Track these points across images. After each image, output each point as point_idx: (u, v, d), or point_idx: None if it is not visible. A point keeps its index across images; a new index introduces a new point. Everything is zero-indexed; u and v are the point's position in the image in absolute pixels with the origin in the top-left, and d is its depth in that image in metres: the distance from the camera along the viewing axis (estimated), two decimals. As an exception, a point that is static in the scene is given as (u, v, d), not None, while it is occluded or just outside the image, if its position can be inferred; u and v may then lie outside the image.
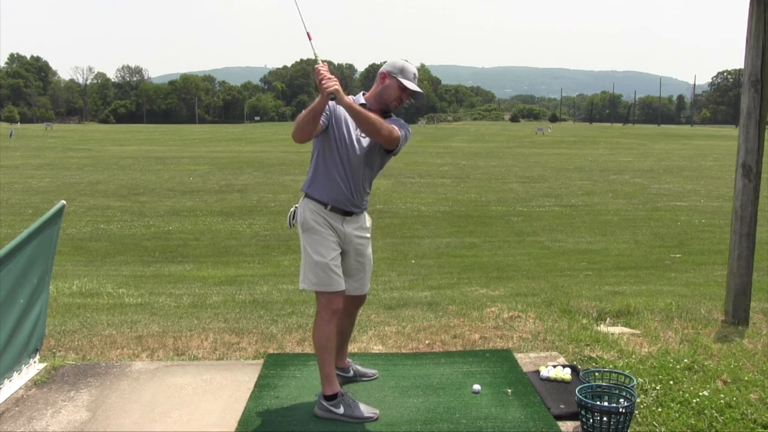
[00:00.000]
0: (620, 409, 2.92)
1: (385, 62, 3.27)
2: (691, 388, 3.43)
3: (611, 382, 3.26)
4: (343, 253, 3.25)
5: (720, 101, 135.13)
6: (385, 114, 3.19)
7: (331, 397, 3.19)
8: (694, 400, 3.28)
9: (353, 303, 3.48)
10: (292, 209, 3.27)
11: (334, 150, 3.13)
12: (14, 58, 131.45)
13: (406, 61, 3.20)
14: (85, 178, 20.99)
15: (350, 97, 3.09)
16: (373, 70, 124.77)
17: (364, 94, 3.26)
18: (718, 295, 5.52)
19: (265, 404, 3.34)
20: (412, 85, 3.11)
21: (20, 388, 3.51)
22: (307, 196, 3.20)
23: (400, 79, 3.11)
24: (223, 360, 4.05)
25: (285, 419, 3.18)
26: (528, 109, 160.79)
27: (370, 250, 3.40)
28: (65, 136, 56.97)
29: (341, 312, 3.26)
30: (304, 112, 2.97)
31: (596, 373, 3.34)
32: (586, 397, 3.02)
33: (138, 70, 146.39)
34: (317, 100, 2.90)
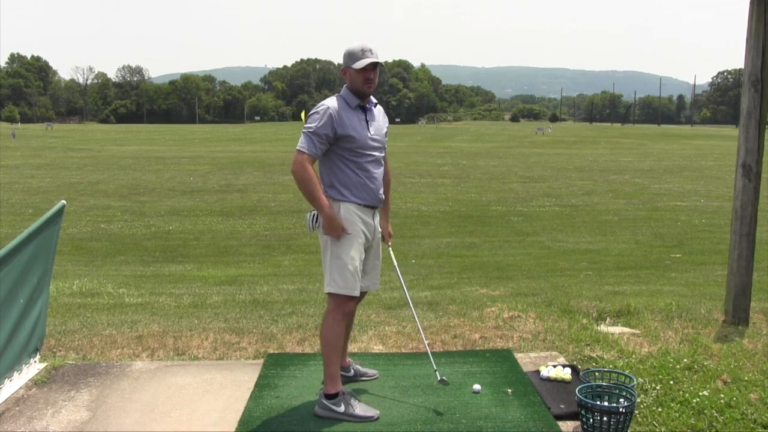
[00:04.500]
0: (620, 409, 2.92)
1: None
2: (691, 388, 3.43)
3: (611, 382, 3.26)
4: (366, 250, 3.31)
5: (720, 101, 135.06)
6: (366, 98, 3.25)
7: (332, 396, 3.20)
8: (694, 400, 3.28)
9: (358, 300, 3.49)
10: (313, 212, 3.23)
11: (358, 154, 3.19)
12: (14, 58, 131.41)
13: (350, 44, 3.21)
14: (86, 178, 21.00)
15: (331, 100, 3.20)
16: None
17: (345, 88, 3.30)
18: (718, 295, 5.52)
19: (265, 404, 3.34)
20: (364, 63, 3.14)
21: (20, 388, 3.51)
22: (336, 199, 3.20)
23: (353, 67, 3.16)
24: (223, 360, 4.05)
25: (285, 419, 3.18)
26: (528, 109, 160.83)
27: None
28: (65, 136, 57.01)
29: None
30: (311, 188, 3.08)
31: (596, 373, 3.34)
32: (586, 397, 3.02)
33: (138, 70, 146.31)
34: (321, 207, 3.10)
